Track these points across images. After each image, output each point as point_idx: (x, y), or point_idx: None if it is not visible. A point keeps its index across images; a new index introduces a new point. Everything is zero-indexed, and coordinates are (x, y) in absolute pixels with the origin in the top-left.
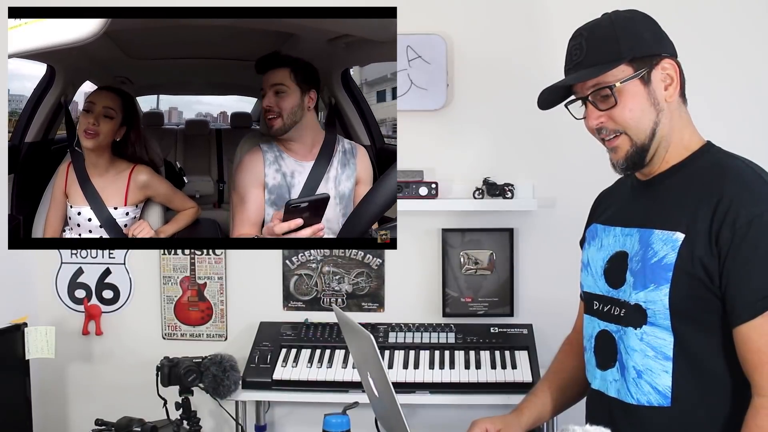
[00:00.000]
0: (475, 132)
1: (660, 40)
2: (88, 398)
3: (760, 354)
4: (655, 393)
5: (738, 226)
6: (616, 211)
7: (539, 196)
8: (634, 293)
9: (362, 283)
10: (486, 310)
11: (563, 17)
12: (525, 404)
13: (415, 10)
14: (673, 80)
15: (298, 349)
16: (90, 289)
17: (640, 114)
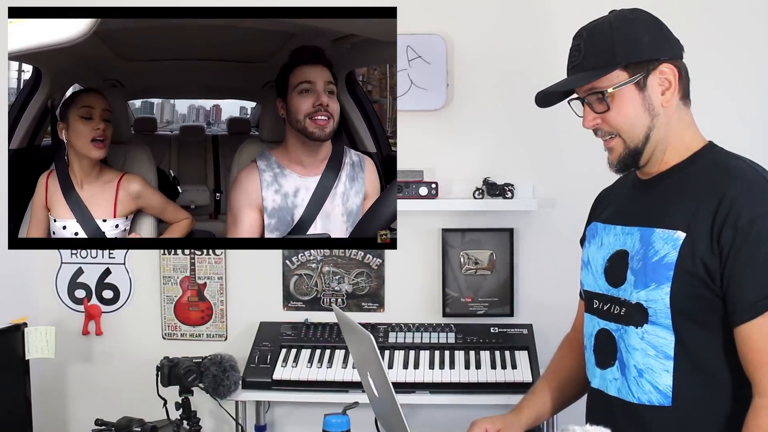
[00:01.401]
0: (475, 132)
1: (660, 44)
2: (88, 398)
3: (761, 354)
4: (655, 392)
5: (740, 226)
6: (617, 209)
7: (539, 196)
8: (635, 292)
9: (362, 283)
10: (486, 310)
11: (563, 17)
12: (524, 403)
13: (415, 10)
14: (671, 85)
15: (298, 349)
16: (90, 289)
17: (633, 119)
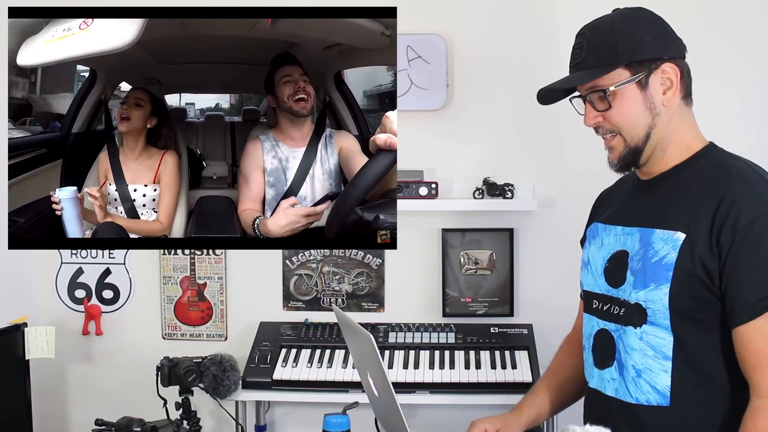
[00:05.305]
0: (475, 132)
1: (663, 43)
2: (88, 398)
3: (759, 355)
4: (654, 392)
5: (739, 227)
6: (617, 210)
7: (539, 196)
8: (634, 292)
9: (362, 283)
10: (486, 310)
11: (563, 17)
12: (524, 403)
13: (415, 10)
14: (672, 84)
15: (298, 349)
16: (90, 289)
17: (634, 118)
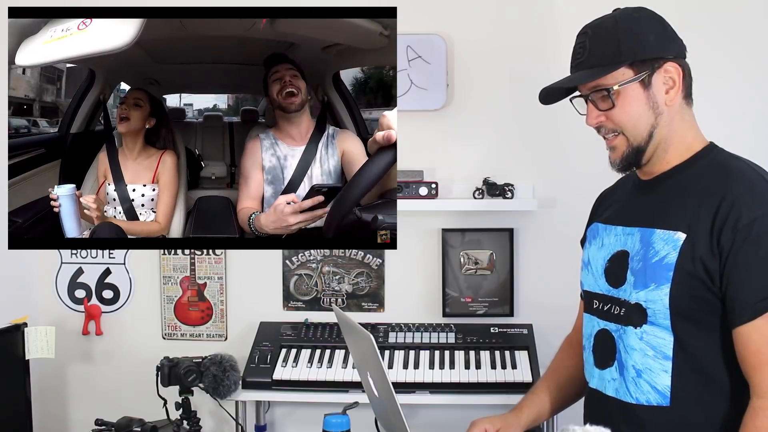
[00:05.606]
0: (475, 132)
1: (665, 43)
2: (88, 398)
3: (760, 355)
4: (654, 392)
5: (740, 227)
6: (618, 210)
7: (539, 196)
8: (634, 292)
9: (362, 283)
10: (486, 310)
11: (563, 17)
12: (524, 403)
13: (415, 10)
14: (675, 84)
15: (298, 349)
16: (90, 289)
17: (637, 117)
